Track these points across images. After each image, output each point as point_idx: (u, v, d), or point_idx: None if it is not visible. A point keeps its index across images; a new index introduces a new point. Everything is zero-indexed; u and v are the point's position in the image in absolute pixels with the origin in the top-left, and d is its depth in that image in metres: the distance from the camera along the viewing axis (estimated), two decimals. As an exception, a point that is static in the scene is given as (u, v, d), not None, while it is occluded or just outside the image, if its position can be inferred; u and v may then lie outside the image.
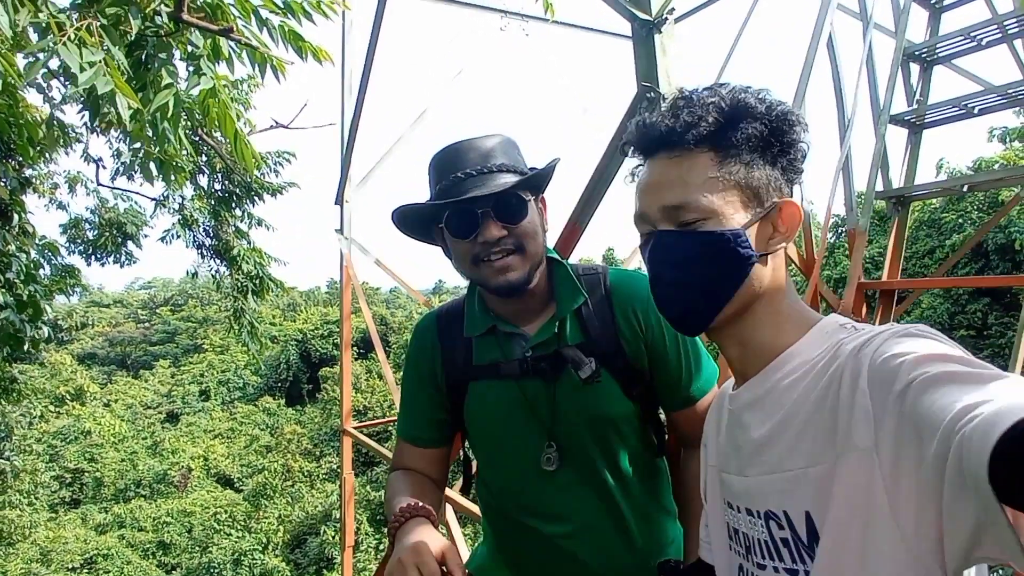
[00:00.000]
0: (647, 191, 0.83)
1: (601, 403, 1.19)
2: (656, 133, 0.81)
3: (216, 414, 36.06)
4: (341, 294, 6.04)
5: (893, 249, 3.56)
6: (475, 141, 1.21)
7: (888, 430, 0.62)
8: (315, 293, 51.80)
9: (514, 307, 1.23)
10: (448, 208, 1.15)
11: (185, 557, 23.08)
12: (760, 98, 0.79)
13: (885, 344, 0.67)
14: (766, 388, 0.80)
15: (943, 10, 4.10)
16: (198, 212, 5.41)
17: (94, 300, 50.36)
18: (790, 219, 0.81)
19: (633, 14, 2.38)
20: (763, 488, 0.79)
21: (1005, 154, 16.59)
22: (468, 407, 1.26)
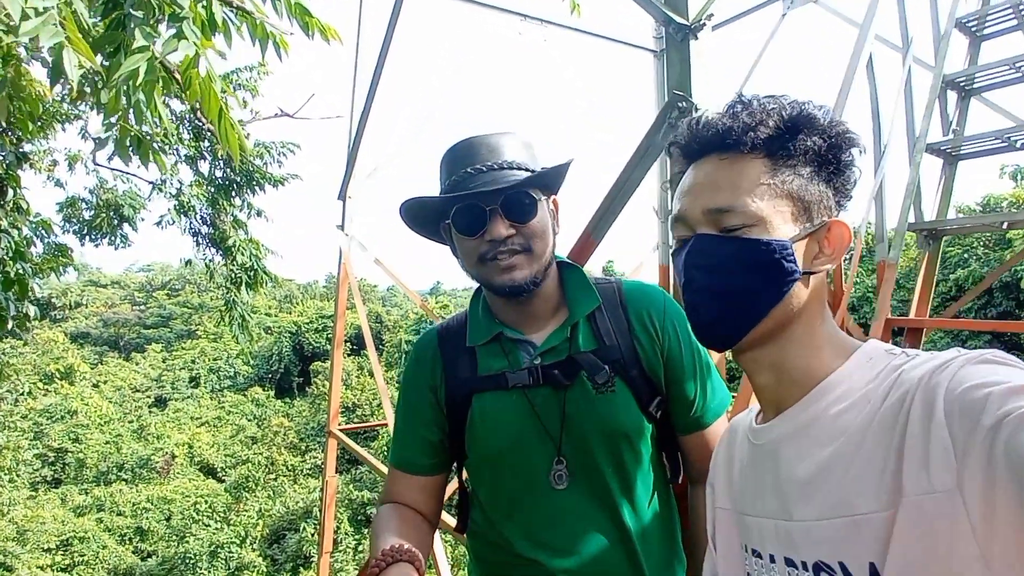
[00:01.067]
0: (691, 192, 0.79)
1: (615, 415, 1.13)
2: (711, 132, 0.77)
3: (204, 401, 35.89)
4: (336, 291, 5.90)
5: (923, 284, 3.39)
6: (488, 137, 1.17)
7: (976, 470, 0.56)
8: (313, 287, 51.74)
9: (521, 312, 1.18)
10: (455, 203, 1.11)
11: (162, 545, 22.80)
12: (825, 113, 0.75)
13: (963, 371, 0.61)
14: (810, 417, 0.73)
15: (984, 39, 3.95)
16: (196, 199, 5.25)
17: (92, 280, 50.27)
18: (839, 240, 0.77)
19: (668, 17, 2.23)
20: (814, 535, 0.70)
21: (1016, 192, 16.55)
22: (471, 421, 1.17)
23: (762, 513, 0.78)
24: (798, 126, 0.74)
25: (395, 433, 1.27)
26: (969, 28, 3.87)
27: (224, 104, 1.14)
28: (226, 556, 21.25)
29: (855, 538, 0.65)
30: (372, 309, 37.26)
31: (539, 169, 1.16)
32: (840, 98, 2.93)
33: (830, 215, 0.76)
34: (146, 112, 1.10)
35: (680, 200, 0.80)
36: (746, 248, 0.73)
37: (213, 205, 5.20)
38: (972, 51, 3.99)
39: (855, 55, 3.04)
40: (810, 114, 0.75)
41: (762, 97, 0.78)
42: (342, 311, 5.93)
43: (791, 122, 0.74)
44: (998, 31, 3.91)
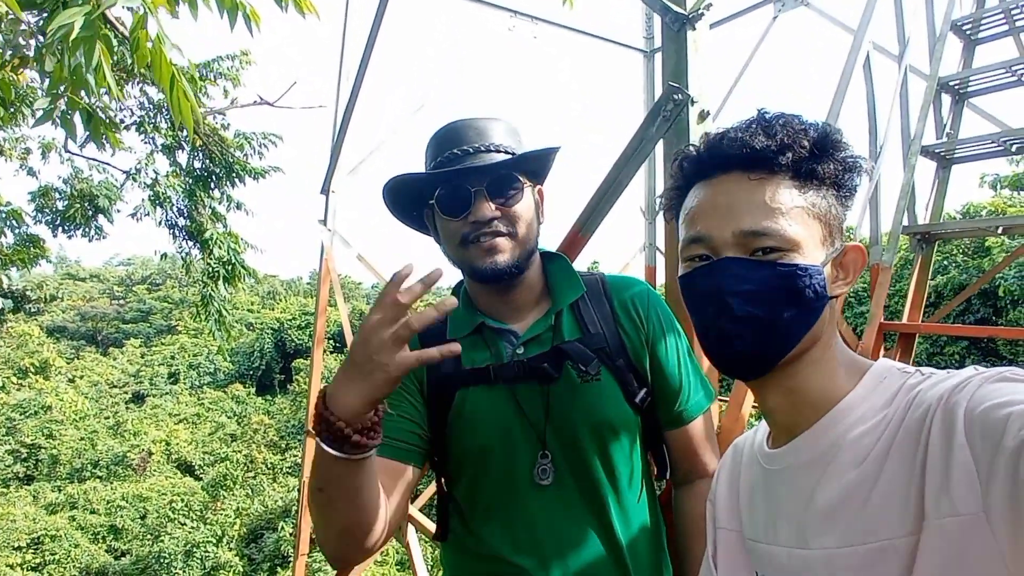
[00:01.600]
0: (716, 213, 0.75)
1: (601, 405, 1.11)
2: (741, 149, 0.73)
3: (183, 398, 35.43)
4: (318, 287, 5.77)
5: (915, 289, 3.36)
6: (476, 120, 1.15)
7: (1001, 493, 0.55)
8: (296, 283, 51.32)
9: (503, 301, 1.16)
10: (440, 182, 1.09)
11: (136, 544, 22.43)
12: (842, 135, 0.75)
13: (982, 390, 0.61)
14: (829, 443, 0.72)
15: (978, 42, 3.93)
16: (171, 190, 5.08)
17: (70, 273, 49.47)
18: (854, 265, 0.77)
19: (665, 5, 2.16)
20: (836, 563, 0.69)
21: (994, 201, 16.82)
22: (454, 416, 1.12)
23: (775, 541, 0.77)
24: (826, 148, 0.73)
25: None
26: (964, 31, 3.85)
27: (176, 71, 1.02)
28: (202, 555, 20.93)
29: (880, 564, 0.64)
30: (356, 307, 37.03)
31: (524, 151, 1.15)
32: (836, 100, 2.88)
33: (843, 239, 0.77)
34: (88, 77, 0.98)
35: (700, 220, 0.77)
36: (784, 274, 0.71)
37: (191, 197, 5.04)
38: (966, 54, 3.98)
39: (851, 57, 3.00)
40: (836, 138, 0.74)
41: (784, 116, 0.76)
42: (323, 308, 5.80)
43: (820, 144, 0.73)
44: (992, 35, 3.90)
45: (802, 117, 0.76)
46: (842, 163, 0.75)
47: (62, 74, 1.00)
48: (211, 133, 4.59)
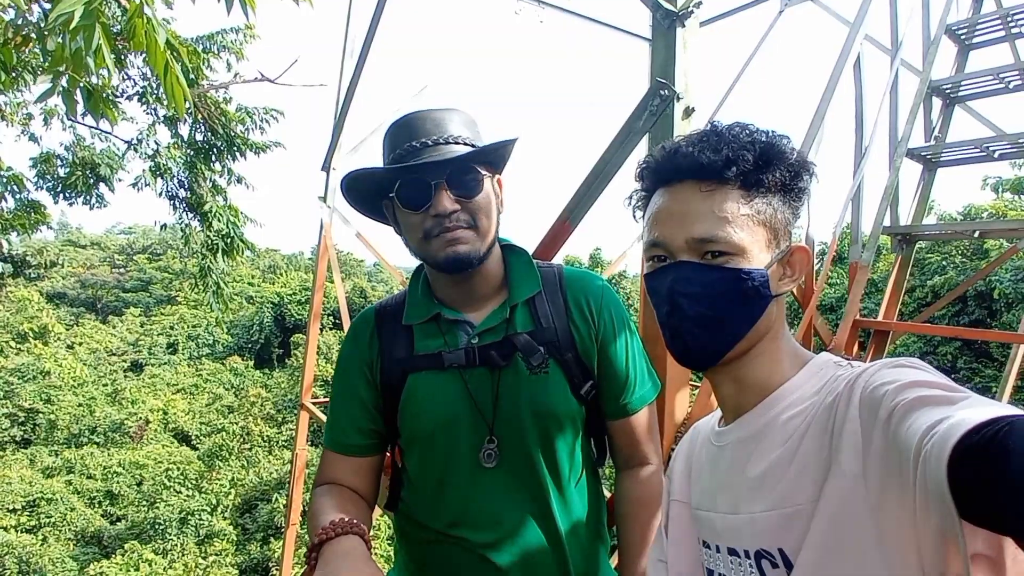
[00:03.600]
0: (671, 220, 0.81)
1: (547, 396, 1.15)
2: (692, 163, 0.80)
3: (182, 368, 35.61)
4: (316, 263, 5.84)
5: (892, 288, 3.44)
6: (433, 112, 1.16)
7: (875, 457, 0.64)
8: (297, 258, 51.28)
9: (461, 291, 1.18)
10: (399, 176, 1.10)
11: (131, 509, 22.72)
12: (791, 147, 0.82)
13: (877, 374, 0.69)
14: (764, 423, 0.80)
15: (972, 47, 3.96)
16: (172, 161, 5.12)
17: (71, 239, 49.38)
18: (800, 264, 0.84)
19: (656, 2, 2.21)
20: (758, 526, 0.78)
21: (995, 204, 16.80)
22: (404, 400, 1.17)
23: (714, 509, 0.85)
24: (771, 159, 0.79)
25: (330, 415, 1.25)
26: (959, 36, 3.87)
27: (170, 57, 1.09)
28: (196, 523, 21.22)
29: (792, 527, 0.73)
30: (357, 284, 37.06)
31: (482, 143, 1.17)
32: (824, 98, 2.92)
33: (791, 239, 0.83)
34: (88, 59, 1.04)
35: (658, 226, 0.83)
36: (729, 277, 0.78)
37: (191, 169, 5.08)
38: (960, 59, 4.00)
39: (842, 57, 3.03)
40: (780, 148, 0.80)
41: (735, 128, 0.82)
42: (321, 283, 5.87)
43: (764, 156, 0.79)
44: (987, 40, 3.92)
45: (752, 128, 0.82)
46: (788, 170, 0.81)
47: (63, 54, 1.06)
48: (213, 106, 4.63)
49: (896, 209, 3.49)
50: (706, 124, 0.86)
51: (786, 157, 0.80)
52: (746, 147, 0.79)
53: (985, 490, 0.47)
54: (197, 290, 28.12)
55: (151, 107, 5.02)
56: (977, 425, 0.49)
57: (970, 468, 0.48)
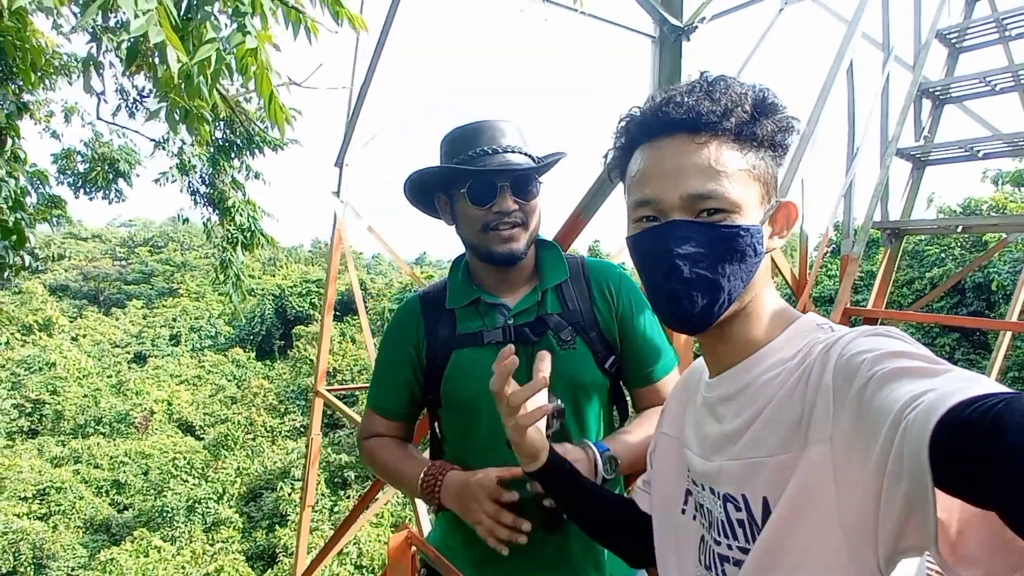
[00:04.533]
0: (664, 175, 0.77)
1: (575, 369, 1.27)
2: (686, 112, 0.76)
3: (184, 360, 35.82)
4: (330, 256, 6.01)
5: (882, 279, 3.66)
6: (495, 123, 1.31)
7: (843, 423, 0.64)
8: (297, 251, 51.38)
9: (500, 278, 1.32)
10: (472, 176, 1.24)
11: (139, 498, 23.04)
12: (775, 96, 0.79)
13: (852, 343, 0.68)
14: (743, 384, 0.81)
15: (962, 51, 4.16)
16: (196, 158, 5.32)
17: (72, 232, 49.43)
18: (787, 219, 0.82)
19: (663, 17, 2.40)
20: (725, 473, 0.81)
21: (995, 196, 16.92)
22: (448, 374, 1.31)
23: (697, 453, 0.89)
24: (764, 111, 0.77)
25: (376, 380, 1.42)
26: (949, 40, 4.06)
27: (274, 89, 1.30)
28: (203, 511, 21.56)
29: (753, 476, 0.76)
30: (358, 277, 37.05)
31: (531, 152, 1.33)
32: (820, 98, 3.11)
33: (778, 195, 0.81)
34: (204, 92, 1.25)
35: (647, 183, 0.79)
36: (728, 235, 0.75)
37: (214, 165, 5.28)
38: (950, 62, 4.20)
39: (838, 58, 3.22)
40: (772, 100, 0.78)
41: (725, 78, 0.79)
42: (334, 275, 6.04)
43: (759, 107, 0.77)
44: (977, 44, 4.11)
45: (741, 81, 0.79)
46: (778, 124, 0.78)
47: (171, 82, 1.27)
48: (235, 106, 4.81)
49: (886, 205, 3.69)
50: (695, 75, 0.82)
51: (778, 110, 0.78)
52: (742, 97, 0.76)
53: (973, 463, 0.46)
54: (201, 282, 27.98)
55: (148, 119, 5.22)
56: (969, 399, 0.48)
57: (957, 440, 0.47)
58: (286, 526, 20.23)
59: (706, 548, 0.88)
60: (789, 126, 0.79)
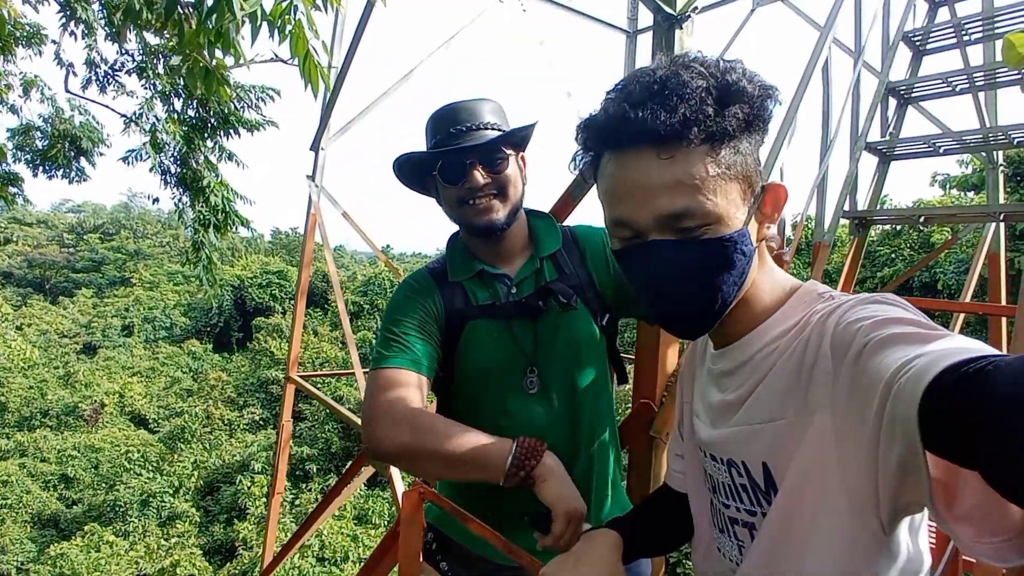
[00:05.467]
0: (633, 195, 0.73)
1: (576, 328, 1.37)
2: (646, 128, 0.69)
3: (137, 351, 34.65)
4: (304, 239, 5.96)
5: (850, 265, 3.87)
6: (468, 103, 1.38)
7: (842, 389, 0.65)
8: (258, 241, 50.20)
9: (495, 250, 1.40)
10: (440, 157, 1.33)
11: (88, 493, 22.24)
12: (747, 77, 0.72)
13: (850, 311, 0.68)
14: (747, 357, 0.81)
15: (925, 53, 4.40)
16: (168, 136, 5.20)
17: (15, 217, 47.21)
18: (776, 202, 0.79)
19: (657, 5, 2.48)
20: (727, 439, 0.83)
21: (942, 199, 17.76)
22: (464, 342, 1.36)
23: (704, 421, 0.92)
24: (729, 101, 0.71)
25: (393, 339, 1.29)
26: (914, 42, 4.29)
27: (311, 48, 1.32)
28: (158, 505, 20.96)
29: (752, 442, 0.78)
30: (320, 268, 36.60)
31: (508, 128, 1.39)
32: (796, 95, 3.26)
33: (762, 178, 0.77)
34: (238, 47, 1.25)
35: (618, 203, 0.75)
36: (711, 249, 0.72)
37: (189, 144, 5.16)
38: (914, 63, 4.44)
39: (812, 58, 3.37)
40: (738, 86, 0.71)
41: (683, 73, 0.71)
42: (308, 260, 5.99)
43: (722, 99, 0.71)
44: (939, 47, 4.36)
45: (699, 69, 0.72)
46: (750, 105, 0.72)
47: (195, 40, 1.27)
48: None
49: (855, 196, 3.91)
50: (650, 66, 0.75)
51: (746, 93, 0.71)
52: (703, 97, 0.69)
53: (959, 425, 0.46)
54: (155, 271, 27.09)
55: (151, 82, 5.08)
56: (959, 362, 0.48)
57: (945, 403, 0.48)
58: (245, 520, 19.85)
59: (716, 512, 0.91)
60: (764, 98, 0.73)
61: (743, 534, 0.84)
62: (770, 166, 2.85)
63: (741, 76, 0.72)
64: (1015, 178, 13.80)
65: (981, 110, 4.35)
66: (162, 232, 44.80)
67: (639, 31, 5.92)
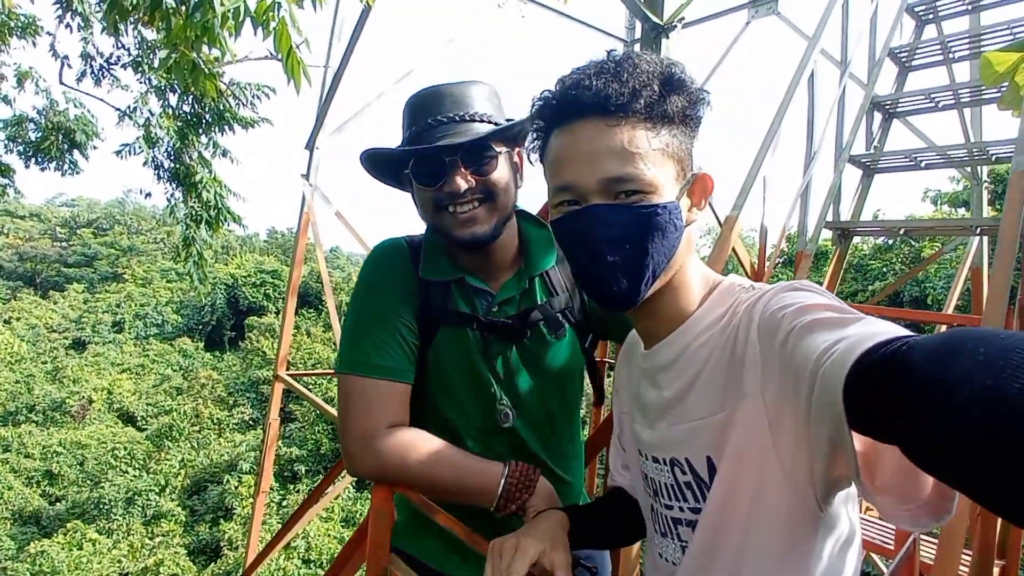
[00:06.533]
0: (578, 160, 0.77)
1: (561, 358, 1.22)
2: (591, 95, 0.76)
3: (128, 348, 34.41)
4: (296, 238, 5.98)
5: (832, 275, 3.93)
6: (453, 86, 1.14)
7: (771, 376, 0.68)
8: (252, 240, 50.01)
9: (479, 261, 1.18)
10: (414, 155, 1.11)
11: (73, 490, 22.03)
12: (688, 77, 0.80)
13: (773, 299, 0.72)
14: (678, 352, 0.83)
15: (911, 69, 4.47)
16: (162, 130, 5.22)
17: (7, 209, 46.91)
18: (703, 191, 0.83)
19: (645, 15, 2.54)
20: (668, 438, 0.84)
21: (933, 215, 17.96)
22: (435, 349, 1.17)
23: (641, 423, 0.92)
24: (672, 88, 0.77)
25: (369, 340, 1.12)
26: (900, 58, 4.37)
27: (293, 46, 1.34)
28: (143, 503, 20.80)
29: (695, 439, 0.80)
30: (314, 269, 36.53)
31: (503, 121, 1.15)
32: (782, 106, 3.31)
33: (693, 168, 0.82)
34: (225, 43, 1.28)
35: (565, 168, 0.79)
36: (646, 215, 0.75)
37: (182, 139, 5.17)
38: (900, 79, 4.51)
39: (799, 70, 3.42)
40: (680, 76, 0.78)
41: (633, 56, 0.78)
42: (300, 258, 6.02)
43: (667, 85, 0.77)
44: (924, 64, 4.44)
45: (647, 56, 0.79)
46: (688, 99, 0.78)
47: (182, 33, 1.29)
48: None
49: (838, 207, 3.97)
50: None
51: (686, 85, 0.78)
52: (649, 76, 0.76)
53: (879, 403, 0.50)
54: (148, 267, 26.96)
55: (145, 76, 5.10)
56: (876, 344, 0.52)
57: (867, 383, 0.51)
58: (231, 520, 19.73)
59: (657, 516, 0.92)
60: (699, 99, 0.80)
61: (687, 534, 0.85)
62: (753, 174, 2.89)
63: (683, 73, 0.79)
64: (1001, 195, 13.98)
65: (966, 126, 4.44)
66: (157, 228, 44.59)
67: (636, 40, 5.98)
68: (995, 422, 0.39)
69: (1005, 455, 0.38)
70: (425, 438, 1.11)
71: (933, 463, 0.46)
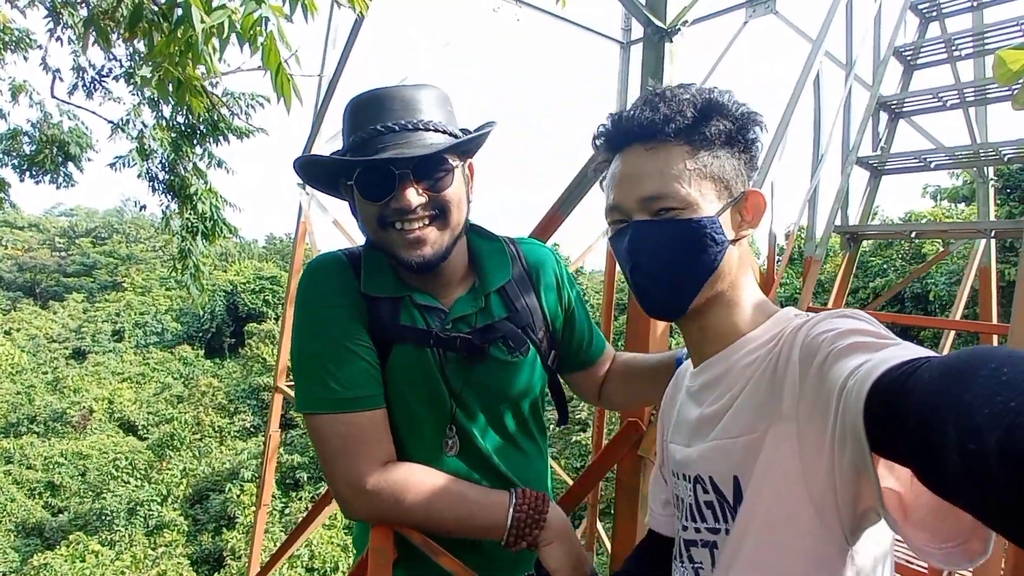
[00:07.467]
0: (623, 182, 0.85)
1: (521, 378, 1.15)
2: (634, 125, 0.83)
3: (128, 357, 34.35)
4: (294, 247, 5.92)
5: (841, 280, 3.85)
6: (402, 90, 1.05)
7: (807, 400, 0.69)
8: (251, 246, 49.99)
9: (427, 277, 1.09)
10: (360, 166, 1.00)
11: (75, 501, 21.99)
12: (733, 101, 0.84)
13: (819, 324, 0.73)
14: (724, 369, 0.84)
15: (916, 68, 4.40)
16: (156, 142, 5.15)
17: (6, 220, 46.90)
18: (755, 208, 0.86)
19: (648, 18, 2.46)
20: (699, 456, 0.84)
21: (933, 211, 17.91)
22: (391, 371, 1.07)
23: (675, 441, 0.92)
24: (710, 112, 0.82)
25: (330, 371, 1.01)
26: (905, 57, 4.30)
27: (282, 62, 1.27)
28: (145, 514, 20.74)
29: (723, 457, 0.80)
30: (313, 274, 36.29)
31: (456, 131, 1.08)
32: (788, 109, 3.24)
33: (745, 186, 0.85)
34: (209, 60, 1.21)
35: (613, 190, 0.86)
36: (680, 228, 0.80)
37: (177, 151, 5.11)
38: (905, 78, 4.44)
39: (804, 72, 3.36)
40: (719, 101, 0.83)
41: (675, 88, 0.85)
42: (297, 268, 5.95)
43: (704, 110, 0.82)
44: (930, 62, 4.36)
45: (695, 86, 0.85)
46: (730, 122, 0.83)
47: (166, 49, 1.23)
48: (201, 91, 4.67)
49: (846, 211, 3.89)
50: None
51: (727, 110, 0.83)
52: (684, 104, 0.81)
53: (892, 423, 0.50)
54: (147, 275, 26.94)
55: (138, 88, 5.04)
56: (895, 365, 0.52)
57: (882, 404, 0.51)
58: (234, 529, 19.65)
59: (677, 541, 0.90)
60: (746, 121, 0.84)
61: (700, 555, 0.84)
62: (761, 178, 2.83)
63: (723, 98, 0.84)
64: (1005, 191, 13.93)
65: (972, 125, 4.37)
66: (155, 236, 44.55)
67: (632, 42, 5.93)
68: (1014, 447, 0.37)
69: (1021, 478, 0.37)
70: (420, 474, 1.04)
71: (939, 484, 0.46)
